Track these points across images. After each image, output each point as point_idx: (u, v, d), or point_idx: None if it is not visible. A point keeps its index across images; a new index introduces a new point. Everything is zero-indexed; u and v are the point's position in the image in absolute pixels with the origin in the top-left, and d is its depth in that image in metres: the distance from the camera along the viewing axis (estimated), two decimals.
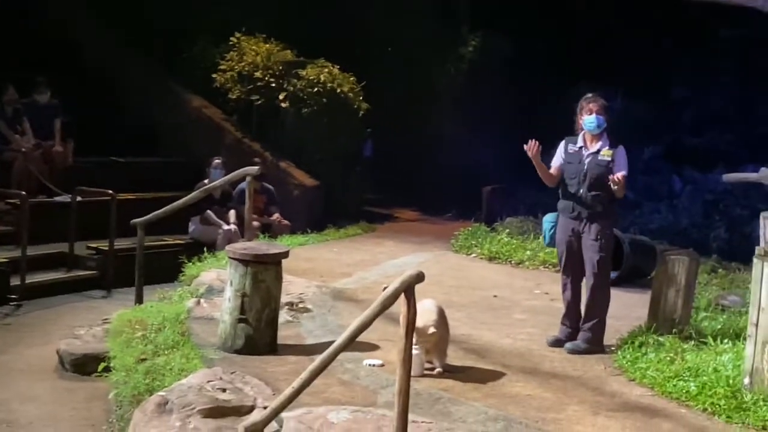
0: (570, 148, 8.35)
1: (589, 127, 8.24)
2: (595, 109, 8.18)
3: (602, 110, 8.21)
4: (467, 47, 19.82)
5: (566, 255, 8.38)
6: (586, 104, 8.24)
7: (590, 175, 8.18)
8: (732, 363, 7.33)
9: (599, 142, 8.25)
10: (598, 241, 8.18)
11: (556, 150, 8.52)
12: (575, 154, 8.30)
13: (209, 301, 9.25)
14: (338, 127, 16.29)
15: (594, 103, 8.21)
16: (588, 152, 8.26)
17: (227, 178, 12.42)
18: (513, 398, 6.83)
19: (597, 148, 8.24)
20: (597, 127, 8.21)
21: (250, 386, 6.75)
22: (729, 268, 12.40)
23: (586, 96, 8.35)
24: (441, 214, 17.86)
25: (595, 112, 8.17)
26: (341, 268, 11.61)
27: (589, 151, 8.26)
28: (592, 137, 8.28)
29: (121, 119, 16.16)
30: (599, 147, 8.23)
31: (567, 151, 8.37)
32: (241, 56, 16.47)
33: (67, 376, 8.83)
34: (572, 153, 8.33)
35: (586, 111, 8.22)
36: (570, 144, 8.37)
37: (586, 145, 8.30)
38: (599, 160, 8.19)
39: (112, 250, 12.77)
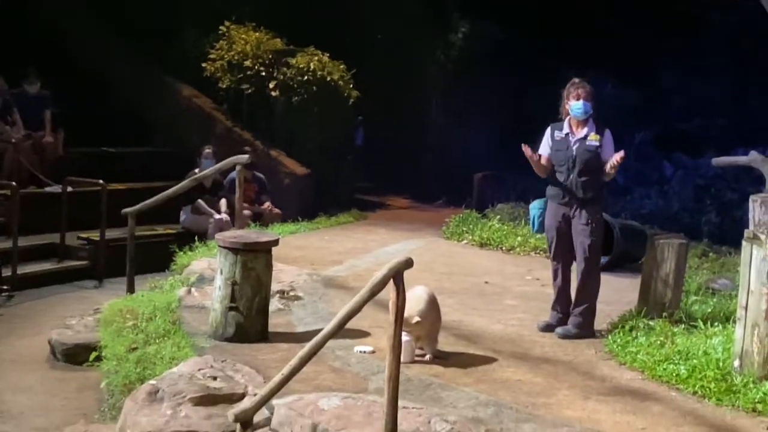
0: (557, 135, 8.33)
1: (576, 113, 8.22)
2: (583, 95, 8.15)
3: (589, 96, 8.17)
4: (457, 34, 19.82)
5: (556, 241, 8.38)
6: (574, 90, 8.21)
7: (579, 160, 8.17)
8: (722, 346, 7.35)
9: (585, 128, 8.24)
10: (588, 225, 8.18)
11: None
12: (562, 141, 8.29)
13: (200, 289, 9.25)
14: (329, 115, 16.27)
15: (582, 89, 8.18)
16: (575, 138, 8.25)
17: (217, 167, 12.41)
18: (504, 383, 6.84)
19: (584, 133, 8.23)
20: (584, 113, 8.19)
21: (241, 374, 6.76)
22: (719, 252, 12.45)
23: (572, 81, 8.31)
24: (432, 201, 17.89)
25: (583, 98, 8.15)
26: (332, 256, 11.61)
27: (577, 137, 8.25)
28: (578, 123, 8.26)
29: (111, 109, 16.14)
30: (586, 132, 8.22)
31: (554, 138, 8.35)
32: (230, 45, 16.43)
33: (59, 366, 8.82)
34: (559, 140, 8.31)
35: (573, 96, 8.19)
36: (556, 131, 8.35)
37: (572, 130, 8.29)
38: (588, 146, 8.18)
39: (103, 240, 12.75)
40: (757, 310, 6.75)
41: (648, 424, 6.09)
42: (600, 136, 8.19)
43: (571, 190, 8.22)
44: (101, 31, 17.11)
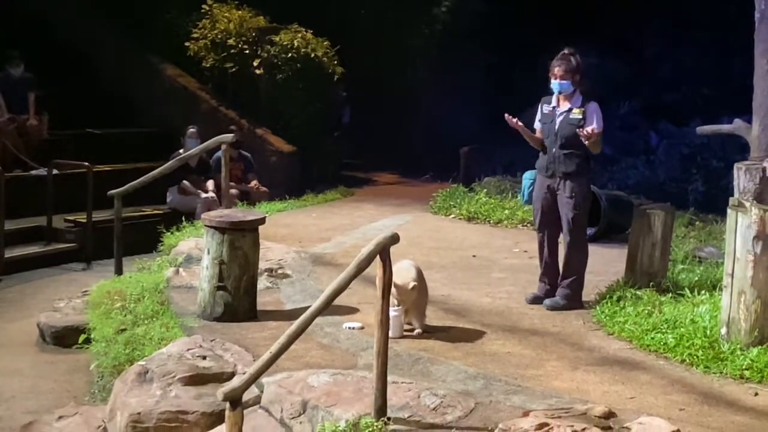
0: (545, 108, 8.39)
1: (554, 90, 8.28)
2: (559, 75, 8.19)
3: (567, 74, 8.17)
4: (440, 8, 19.77)
5: (541, 212, 8.44)
6: (552, 68, 8.24)
7: (561, 134, 8.20)
8: (709, 314, 7.39)
9: (570, 102, 8.27)
10: (572, 198, 8.20)
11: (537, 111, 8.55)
12: (549, 114, 8.34)
13: (188, 269, 9.26)
14: (314, 92, 16.26)
15: (558, 67, 8.20)
16: (560, 111, 8.28)
17: (203, 146, 12.41)
18: (493, 356, 6.86)
19: (568, 107, 8.25)
20: (559, 91, 8.25)
21: (230, 353, 6.79)
22: (706, 221, 12.47)
23: (560, 54, 8.30)
24: (419, 176, 17.88)
25: (559, 78, 8.19)
26: (320, 233, 11.61)
27: (561, 110, 8.28)
28: (564, 97, 8.28)
29: (94, 91, 16.05)
30: (570, 106, 8.24)
31: (542, 111, 8.41)
32: (213, 24, 16.37)
33: (48, 349, 8.84)
34: (546, 113, 8.37)
35: (552, 75, 8.24)
36: (545, 104, 8.41)
37: (558, 104, 8.32)
38: (570, 119, 8.20)
39: (90, 223, 12.73)
40: (743, 277, 6.78)
41: (637, 394, 6.12)
42: (584, 110, 8.18)
43: (555, 163, 8.26)
44: (84, 11, 17.01)
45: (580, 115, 8.18)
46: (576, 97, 8.27)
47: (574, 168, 8.21)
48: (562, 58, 8.23)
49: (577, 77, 8.24)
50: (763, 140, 8.43)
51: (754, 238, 6.71)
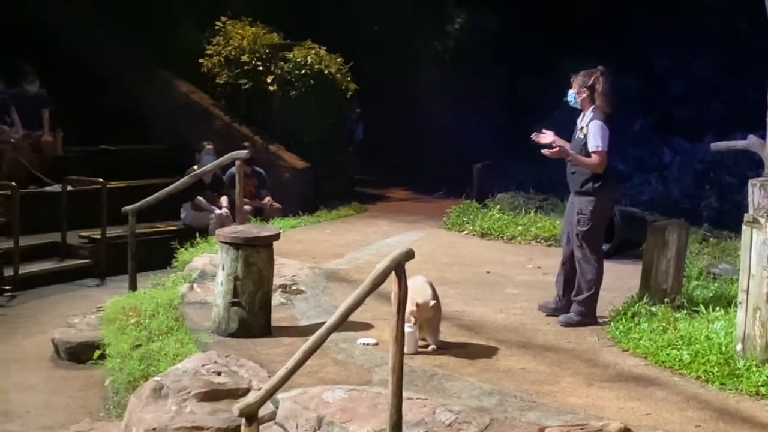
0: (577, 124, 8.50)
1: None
2: (573, 87, 8.33)
3: (575, 86, 8.30)
4: (453, 24, 19.82)
5: (563, 226, 8.67)
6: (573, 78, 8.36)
7: (573, 150, 8.26)
8: (724, 330, 7.37)
9: (584, 119, 8.33)
10: (579, 215, 8.25)
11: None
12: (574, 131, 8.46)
13: (202, 285, 9.27)
14: (327, 108, 16.29)
15: (575, 78, 8.33)
16: (576, 128, 8.39)
17: (217, 162, 12.43)
18: (507, 372, 6.86)
19: (580, 125, 8.34)
20: (567, 101, 8.41)
21: (245, 369, 6.78)
22: (720, 237, 12.46)
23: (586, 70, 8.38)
24: (432, 192, 17.90)
25: (573, 89, 8.33)
26: (334, 249, 11.62)
27: (577, 128, 8.39)
28: (584, 115, 8.35)
29: (109, 107, 16.09)
30: (582, 124, 8.32)
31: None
32: (227, 40, 16.46)
33: (63, 365, 8.83)
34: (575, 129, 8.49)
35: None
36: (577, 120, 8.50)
37: (580, 121, 8.42)
38: (577, 138, 8.31)
39: (104, 238, 12.75)
40: (759, 293, 6.76)
41: (652, 410, 6.11)
42: (587, 129, 8.21)
43: (569, 181, 8.41)
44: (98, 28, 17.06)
45: (583, 134, 8.24)
46: (588, 116, 8.30)
47: (580, 186, 8.27)
48: (585, 72, 8.33)
49: (584, 94, 8.27)
50: None
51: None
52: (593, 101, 8.25)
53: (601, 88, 8.21)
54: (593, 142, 8.11)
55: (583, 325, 8.22)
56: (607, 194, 8.39)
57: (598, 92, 8.22)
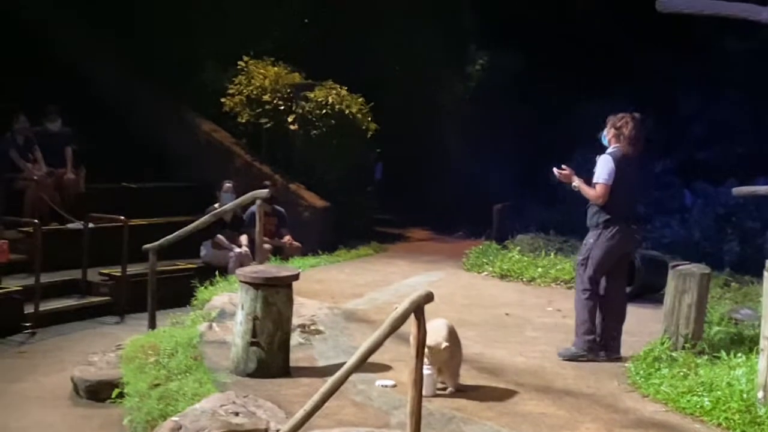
0: None
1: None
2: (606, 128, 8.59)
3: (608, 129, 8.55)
4: (474, 66, 19.92)
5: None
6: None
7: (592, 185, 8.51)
8: (746, 377, 7.31)
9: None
10: (583, 245, 8.59)
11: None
12: None
13: (221, 324, 9.26)
14: (347, 148, 16.35)
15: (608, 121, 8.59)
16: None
17: (237, 201, 12.47)
18: (526, 417, 6.81)
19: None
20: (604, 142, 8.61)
21: (263, 410, 6.76)
22: (742, 282, 12.39)
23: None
24: (452, 232, 17.91)
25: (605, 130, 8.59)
26: (353, 289, 11.62)
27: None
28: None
29: (130, 145, 16.21)
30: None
31: None
32: (249, 80, 16.57)
33: (82, 403, 8.81)
34: None
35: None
36: None
37: None
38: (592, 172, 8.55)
39: (124, 276, 12.79)
40: None
41: None
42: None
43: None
44: (121, 67, 17.24)
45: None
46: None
47: (589, 219, 8.56)
48: (618, 115, 8.58)
49: (612, 136, 8.52)
50: None
51: None
52: (619, 141, 8.48)
53: (627, 131, 8.45)
54: (597, 174, 8.43)
55: (581, 358, 8.40)
56: (613, 232, 8.45)
57: (624, 135, 8.45)
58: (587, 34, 18.99)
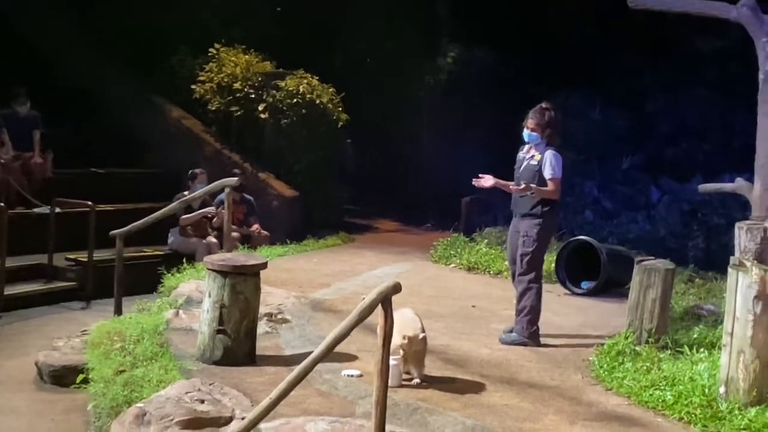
0: (519, 155, 9.07)
1: (524, 139, 8.95)
2: (530, 126, 8.88)
3: (537, 127, 8.86)
4: (446, 58, 19.91)
5: (510, 249, 9.13)
6: (527, 118, 8.91)
7: (521, 178, 8.84)
8: (708, 372, 7.39)
9: (535, 150, 8.88)
10: (523, 237, 8.78)
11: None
12: (519, 161, 9.04)
13: (188, 312, 9.25)
14: (317, 138, 16.32)
15: (531, 119, 8.89)
16: (525, 158, 8.94)
17: (206, 189, 12.44)
18: (491, 408, 6.85)
19: (531, 154, 8.88)
20: (527, 142, 8.92)
21: (228, 397, 6.76)
22: (706, 278, 12.49)
23: (534, 109, 8.94)
24: (420, 224, 17.92)
25: (530, 129, 8.87)
26: (320, 279, 11.62)
27: (527, 156, 8.92)
28: (532, 145, 8.91)
29: (99, 130, 16.13)
30: (533, 153, 8.87)
31: (517, 157, 9.09)
32: (220, 67, 16.51)
33: (46, 388, 8.79)
34: (518, 160, 9.06)
35: (525, 125, 8.91)
36: (520, 152, 9.07)
37: (528, 151, 8.97)
38: (529, 165, 8.86)
39: (91, 262, 12.74)
40: (743, 336, 6.79)
41: None
42: (541, 156, 8.78)
43: (515, 205, 8.97)
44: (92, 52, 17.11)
45: (537, 161, 8.79)
46: (540, 146, 8.86)
47: (528, 209, 8.79)
48: (538, 111, 8.90)
49: (547, 131, 8.86)
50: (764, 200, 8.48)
51: (754, 298, 6.73)
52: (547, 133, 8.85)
53: (555, 122, 8.87)
54: (549, 171, 8.73)
55: (521, 343, 8.69)
56: (553, 218, 8.98)
57: (552, 126, 8.85)
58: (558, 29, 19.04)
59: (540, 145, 8.83)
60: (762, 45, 8.89)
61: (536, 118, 8.82)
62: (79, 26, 17.03)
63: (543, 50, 18.90)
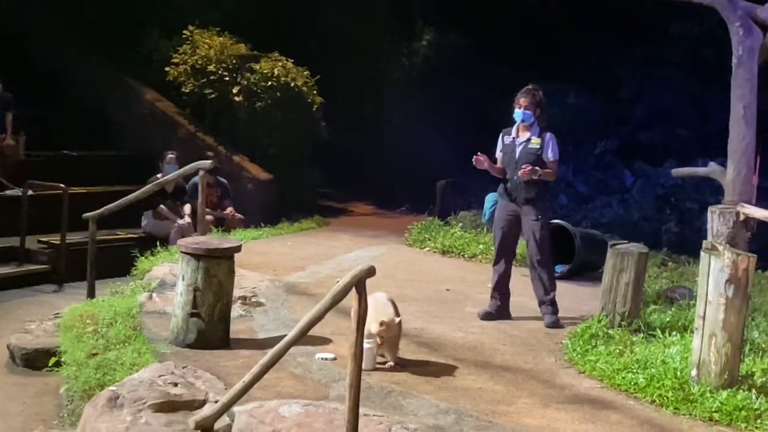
0: (506, 139, 9.06)
1: (516, 119, 8.95)
2: (524, 105, 8.88)
3: (531, 105, 8.87)
4: (421, 42, 19.89)
5: (502, 233, 9.09)
6: (518, 98, 8.93)
7: (521, 162, 8.81)
8: (680, 355, 7.45)
9: (529, 132, 8.91)
10: (538, 220, 8.84)
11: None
12: (509, 145, 9.01)
13: (161, 295, 9.23)
14: (292, 121, 16.27)
15: (524, 98, 8.90)
16: (519, 141, 8.93)
17: (180, 171, 12.39)
18: (464, 391, 6.87)
19: (527, 137, 8.90)
20: (522, 120, 8.90)
21: (201, 381, 6.75)
22: (678, 261, 12.57)
23: (525, 88, 8.99)
24: (395, 208, 17.91)
25: (524, 107, 8.89)
26: (295, 262, 11.60)
27: (520, 140, 8.93)
28: (523, 127, 8.95)
29: (72, 112, 16.02)
30: (529, 136, 8.89)
31: (503, 142, 9.07)
32: (194, 49, 16.39)
33: (18, 371, 8.73)
34: (507, 144, 9.05)
35: (516, 104, 8.91)
36: (506, 135, 9.08)
37: (518, 135, 8.97)
38: (529, 149, 8.87)
39: (63, 244, 12.65)
40: (715, 320, 6.84)
41: None
42: (541, 140, 8.85)
43: (517, 190, 8.90)
44: (63, 33, 16.99)
45: (538, 144, 8.86)
46: (534, 128, 8.92)
47: (534, 194, 8.85)
48: (527, 91, 8.95)
49: (538, 111, 8.91)
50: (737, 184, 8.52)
51: (726, 281, 6.78)
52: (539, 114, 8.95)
53: (543, 102, 8.96)
54: (552, 153, 8.86)
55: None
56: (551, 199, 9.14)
57: (542, 108, 8.95)
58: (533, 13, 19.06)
59: (533, 127, 8.88)
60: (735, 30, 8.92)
61: (528, 97, 8.86)
62: (52, 7, 16.89)
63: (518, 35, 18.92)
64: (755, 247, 7.78)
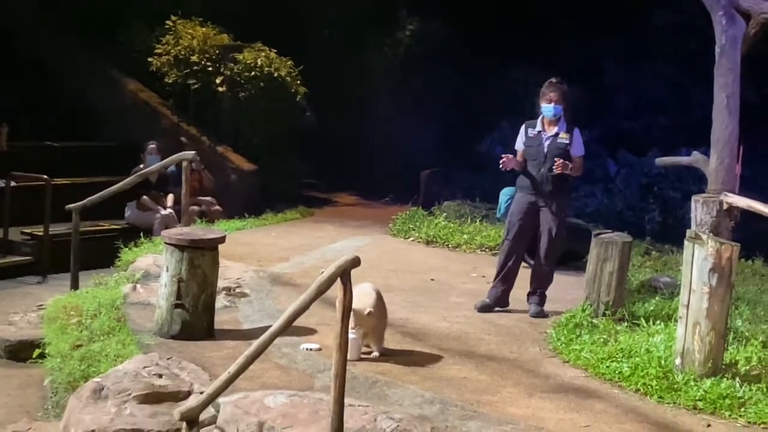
0: (530, 132, 9.01)
1: (547, 115, 8.87)
2: (555, 99, 8.81)
3: (560, 99, 8.83)
4: (404, 31, 19.87)
5: (519, 226, 8.99)
6: (547, 92, 8.86)
7: (550, 156, 8.79)
8: (664, 344, 7.48)
9: (556, 127, 8.88)
10: (557, 216, 8.87)
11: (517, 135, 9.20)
12: (535, 138, 8.95)
13: (146, 286, 9.21)
14: (276, 111, 16.24)
15: (554, 92, 8.83)
16: (547, 135, 8.91)
17: (163, 162, 12.35)
18: (449, 381, 6.88)
19: (555, 131, 8.88)
20: (554, 115, 8.84)
21: (186, 372, 6.74)
22: (662, 251, 12.60)
23: (549, 82, 8.92)
24: (379, 198, 17.90)
25: (554, 102, 8.81)
26: (279, 253, 11.60)
27: (548, 134, 8.90)
28: (549, 121, 8.92)
29: (55, 103, 15.95)
30: (557, 130, 8.87)
31: (527, 135, 9.01)
32: (177, 40, 16.34)
33: (2, 363, 8.68)
34: (532, 137, 8.98)
35: (545, 99, 8.86)
36: (530, 128, 9.03)
37: (544, 128, 8.95)
38: (558, 143, 8.84)
39: (47, 236, 12.60)
40: (699, 308, 6.87)
41: (591, 422, 6.17)
42: (569, 135, 8.87)
43: (542, 183, 8.86)
44: (46, 23, 16.91)
45: (566, 139, 8.87)
46: (561, 123, 8.90)
47: (561, 188, 8.90)
48: (554, 84, 8.87)
49: (565, 103, 8.87)
50: (720, 173, 8.53)
51: (709, 270, 6.81)
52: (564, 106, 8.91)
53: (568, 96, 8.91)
54: (579, 148, 8.98)
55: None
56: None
57: (568, 99, 8.92)
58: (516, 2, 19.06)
59: (561, 122, 8.87)
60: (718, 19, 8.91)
61: (558, 91, 8.81)
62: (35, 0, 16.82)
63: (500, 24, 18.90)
64: (738, 236, 7.80)
